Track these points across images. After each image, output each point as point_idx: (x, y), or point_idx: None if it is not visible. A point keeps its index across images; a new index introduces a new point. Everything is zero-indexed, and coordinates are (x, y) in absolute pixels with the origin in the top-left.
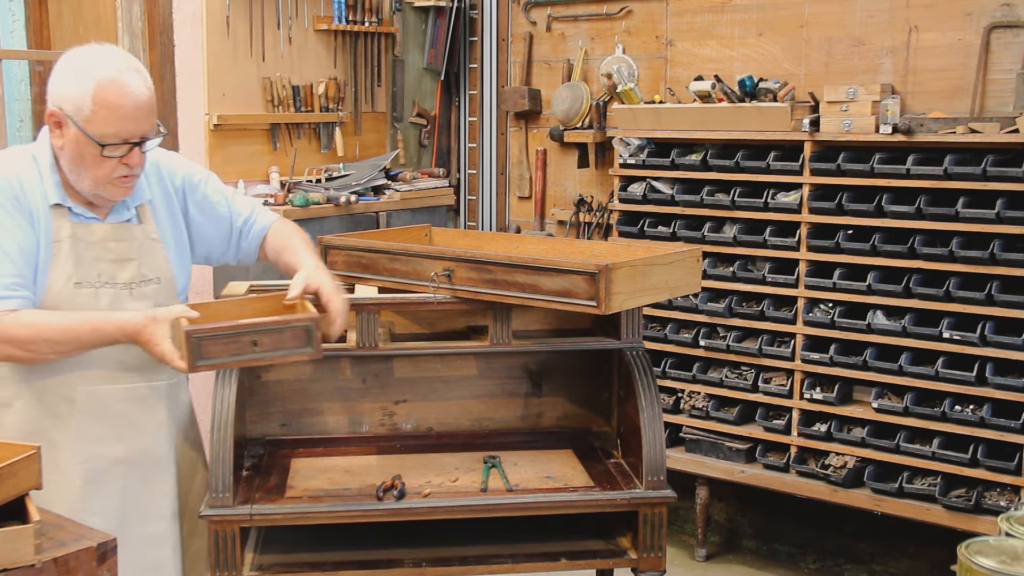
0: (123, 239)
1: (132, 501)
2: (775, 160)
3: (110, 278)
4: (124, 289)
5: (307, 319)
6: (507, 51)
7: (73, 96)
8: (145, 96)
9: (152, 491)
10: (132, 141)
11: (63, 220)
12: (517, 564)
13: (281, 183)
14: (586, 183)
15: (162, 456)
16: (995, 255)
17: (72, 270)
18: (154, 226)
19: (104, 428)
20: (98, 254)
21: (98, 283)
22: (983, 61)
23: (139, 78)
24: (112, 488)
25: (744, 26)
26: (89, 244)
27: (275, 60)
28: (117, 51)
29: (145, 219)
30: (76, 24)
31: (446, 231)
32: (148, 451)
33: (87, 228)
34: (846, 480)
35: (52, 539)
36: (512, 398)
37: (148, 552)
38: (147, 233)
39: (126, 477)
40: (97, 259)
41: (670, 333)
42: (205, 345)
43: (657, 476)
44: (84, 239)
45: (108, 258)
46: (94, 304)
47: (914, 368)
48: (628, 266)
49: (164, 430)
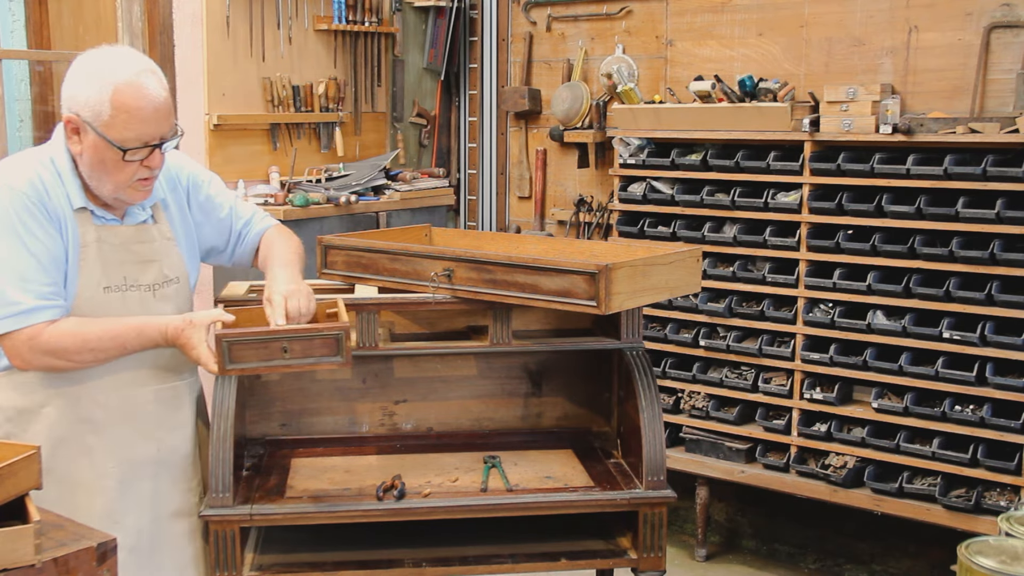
0: (144, 240)
1: (164, 499)
2: (775, 160)
3: (135, 281)
4: (148, 291)
5: (338, 328)
6: (507, 51)
7: (91, 101)
8: (163, 97)
9: (181, 488)
10: (152, 143)
11: (88, 224)
12: (517, 564)
13: (281, 183)
14: (586, 183)
15: (189, 452)
16: (995, 255)
17: (101, 275)
18: (167, 225)
19: (135, 430)
20: (123, 257)
21: (124, 286)
22: (983, 61)
23: (155, 79)
24: (144, 488)
25: (744, 26)
26: (114, 247)
27: (275, 60)
28: (131, 52)
29: (160, 219)
30: (76, 24)
31: (446, 231)
32: (176, 448)
33: (111, 231)
34: (846, 480)
35: (52, 539)
36: (512, 398)
37: (182, 548)
38: (163, 233)
39: (156, 477)
40: (122, 262)
41: (670, 333)
42: (236, 349)
43: (657, 476)
44: (108, 242)
45: (132, 260)
46: (123, 308)
47: (914, 368)
48: (628, 266)
49: (189, 427)
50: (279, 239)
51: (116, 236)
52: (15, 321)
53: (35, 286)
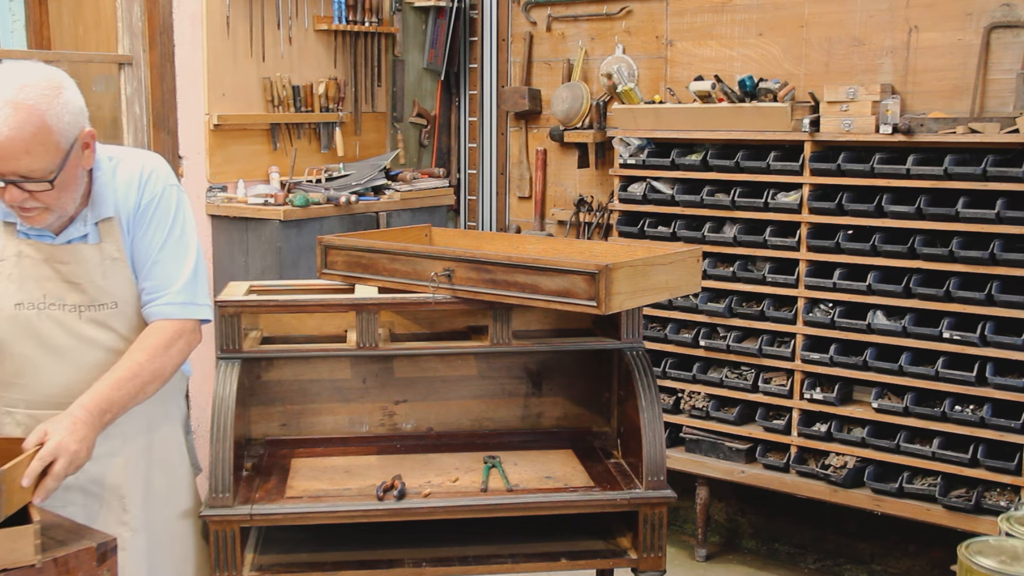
0: (72, 261)
1: (158, 501)
2: (775, 160)
3: (57, 299)
4: (74, 311)
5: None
6: (507, 51)
7: None
8: (7, 135)
9: (173, 488)
10: (4, 179)
11: (10, 237)
12: (517, 564)
13: (281, 183)
14: (586, 183)
15: (179, 438)
16: (995, 255)
17: (16, 290)
18: (118, 244)
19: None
20: (45, 273)
21: (43, 304)
22: (983, 61)
23: (10, 114)
24: (138, 464)
25: (744, 26)
26: (35, 262)
27: (275, 60)
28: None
29: (107, 236)
30: (76, 24)
31: (446, 231)
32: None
33: (35, 246)
34: (846, 480)
35: (52, 539)
36: (512, 398)
37: (176, 547)
38: (106, 252)
39: (150, 467)
40: (44, 278)
41: (670, 333)
42: None
43: (657, 476)
44: (30, 257)
45: (56, 278)
46: (36, 327)
47: (914, 368)
48: (628, 266)
49: (176, 428)
50: (153, 341)
51: (40, 252)
52: None
53: None
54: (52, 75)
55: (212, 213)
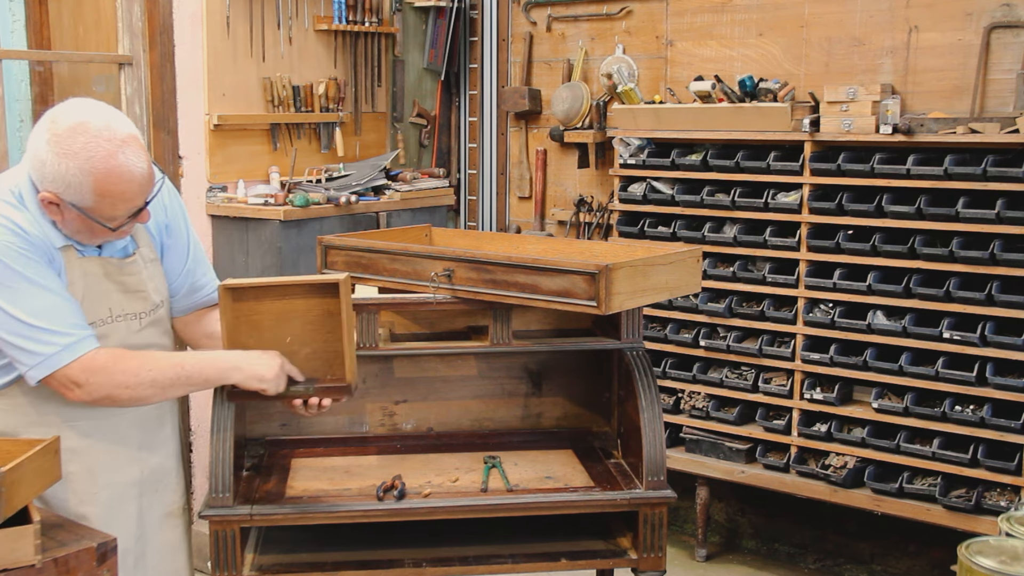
0: (131, 272)
1: (148, 514)
2: (775, 160)
3: (121, 311)
4: (135, 320)
5: None
6: (507, 51)
7: (70, 186)
8: (143, 169)
9: (165, 501)
10: (140, 207)
11: (73, 259)
12: (517, 564)
13: (281, 183)
14: (586, 183)
15: (172, 468)
16: (995, 255)
17: (87, 310)
18: (150, 246)
19: (118, 455)
20: (106, 288)
21: (110, 319)
22: (983, 61)
23: (132, 151)
24: (129, 509)
25: (744, 26)
26: (97, 279)
27: (275, 60)
28: (98, 117)
29: (142, 240)
30: (76, 24)
31: (446, 231)
32: (160, 466)
33: (92, 262)
34: (846, 480)
35: (52, 539)
36: (512, 398)
37: (168, 561)
38: (146, 256)
39: (142, 496)
40: (106, 293)
41: (670, 333)
42: None
43: (657, 476)
44: (93, 274)
45: (117, 291)
46: (105, 342)
47: (914, 368)
48: (628, 266)
49: (171, 442)
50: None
51: (100, 267)
52: (68, 353)
53: (71, 319)
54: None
55: (212, 213)
